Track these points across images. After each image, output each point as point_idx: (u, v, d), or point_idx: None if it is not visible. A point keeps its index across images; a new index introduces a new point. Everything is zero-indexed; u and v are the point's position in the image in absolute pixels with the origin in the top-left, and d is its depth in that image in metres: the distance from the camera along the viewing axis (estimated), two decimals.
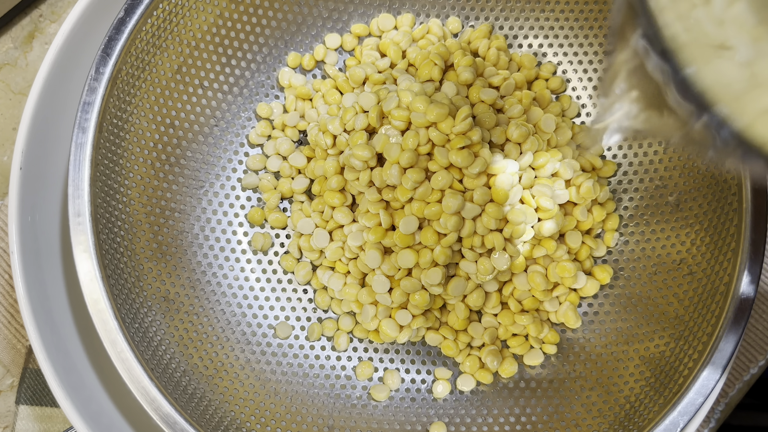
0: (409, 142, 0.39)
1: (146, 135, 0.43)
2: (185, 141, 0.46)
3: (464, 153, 0.38)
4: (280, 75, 0.48)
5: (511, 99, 0.45)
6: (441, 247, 0.40)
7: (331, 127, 0.42)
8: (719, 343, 0.38)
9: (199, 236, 0.45)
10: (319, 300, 0.45)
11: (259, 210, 0.46)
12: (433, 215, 0.39)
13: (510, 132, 0.42)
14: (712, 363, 0.38)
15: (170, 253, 0.44)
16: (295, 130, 0.47)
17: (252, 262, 0.46)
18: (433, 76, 0.45)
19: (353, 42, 0.49)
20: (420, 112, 0.39)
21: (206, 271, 0.45)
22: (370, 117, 0.40)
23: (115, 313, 0.37)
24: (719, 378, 0.38)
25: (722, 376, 0.38)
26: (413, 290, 0.42)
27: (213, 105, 0.47)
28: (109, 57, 0.39)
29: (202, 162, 0.46)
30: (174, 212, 0.45)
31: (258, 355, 0.44)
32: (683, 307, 0.41)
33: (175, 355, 0.41)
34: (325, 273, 0.44)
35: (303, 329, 0.46)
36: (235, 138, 0.48)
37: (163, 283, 0.43)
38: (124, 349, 0.37)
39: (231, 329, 0.45)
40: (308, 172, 0.45)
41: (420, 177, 0.38)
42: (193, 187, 0.46)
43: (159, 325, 0.41)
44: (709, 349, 0.38)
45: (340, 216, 0.43)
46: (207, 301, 0.44)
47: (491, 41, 0.48)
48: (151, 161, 0.44)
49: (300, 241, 0.45)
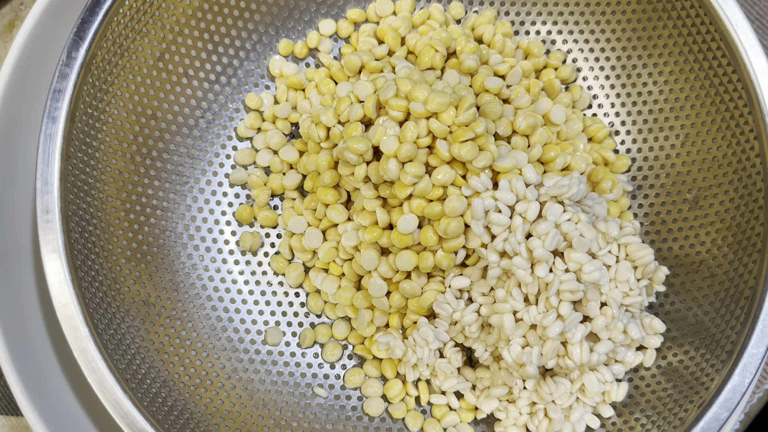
0: (407, 134, 0.36)
1: (125, 126, 0.40)
2: (168, 134, 0.43)
3: (468, 146, 0.35)
4: (270, 63, 0.46)
5: (518, 88, 0.42)
6: (444, 252, 0.38)
7: (324, 118, 0.39)
8: (745, 352, 0.35)
9: (183, 235, 0.43)
10: (311, 304, 0.43)
11: (248, 208, 0.43)
12: (433, 214, 0.36)
13: (517, 123, 0.39)
14: (738, 374, 0.35)
15: (151, 254, 0.41)
16: (286, 123, 0.45)
17: (240, 263, 0.44)
18: (435, 63, 0.42)
19: (349, 28, 0.46)
20: (420, 102, 0.36)
21: (190, 273, 0.42)
22: (366, 107, 0.38)
23: (87, 318, 0.34)
24: (746, 390, 0.35)
25: (749, 389, 0.35)
26: (413, 294, 0.38)
27: (198, 95, 0.44)
28: (82, 41, 0.36)
29: (186, 156, 0.44)
30: (156, 210, 0.42)
31: (245, 364, 0.42)
32: (704, 312, 0.39)
33: (155, 364, 0.38)
34: (318, 275, 0.42)
35: (294, 335, 0.43)
36: (222, 131, 0.45)
37: (142, 285, 0.40)
38: (95, 358, 0.34)
39: (216, 336, 0.42)
40: (300, 167, 0.43)
41: (420, 172, 0.36)
42: (176, 183, 0.43)
43: (137, 332, 0.38)
44: (734, 359, 0.35)
45: (334, 214, 0.40)
46: (191, 306, 0.42)
47: (496, 27, 0.45)
48: (130, 155, 0.41)
49: (291, 241, 0.43)
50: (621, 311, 0.38)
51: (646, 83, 0.44)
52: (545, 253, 0.35)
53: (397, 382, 0.41)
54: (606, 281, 0.37)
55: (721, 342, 0.37)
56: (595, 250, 0.37)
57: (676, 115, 0.43)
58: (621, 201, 0.43)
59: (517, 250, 0.36)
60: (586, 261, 0.36)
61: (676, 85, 0.42)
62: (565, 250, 0.37)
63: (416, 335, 0.39)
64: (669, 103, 0.43)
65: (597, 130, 0.44)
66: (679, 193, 0.42)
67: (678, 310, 0.40)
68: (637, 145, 0.45)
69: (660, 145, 0.44)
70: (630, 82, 0.45)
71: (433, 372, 0.41)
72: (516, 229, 0.36)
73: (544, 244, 0.35)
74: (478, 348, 0.39)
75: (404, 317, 0.41)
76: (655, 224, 0.43)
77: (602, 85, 0.46)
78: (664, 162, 0.43)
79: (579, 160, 0.41)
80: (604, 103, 0.46)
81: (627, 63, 0.45)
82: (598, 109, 0.46)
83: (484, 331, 0.39)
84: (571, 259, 0.36)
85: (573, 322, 0.36)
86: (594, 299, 0.37)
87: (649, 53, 0.43)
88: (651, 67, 0.44)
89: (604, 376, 0.39)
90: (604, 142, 0.45)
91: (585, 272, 0.36)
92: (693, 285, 0.40)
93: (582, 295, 0.36)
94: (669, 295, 0.41)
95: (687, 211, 0.42)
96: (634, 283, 0.38)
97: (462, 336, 0.40)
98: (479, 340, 0.39)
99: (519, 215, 0.36)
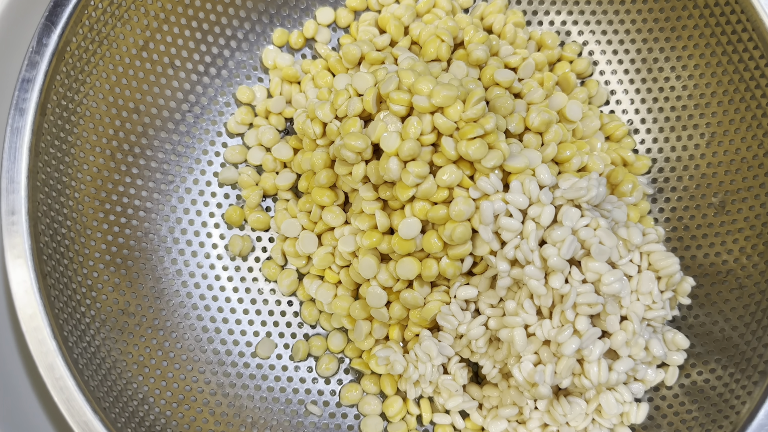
0: (410, 130, 0.34)
1: (105, 121, 0.38)
2: (152, 129, 0.40)
3: (476, 143, 0.33)
4: (263, 54, 0.44)
5: (531, 82, 0.39)
6: (449, 259, 0.35)
7: (320, 113, 0.37)
8: None
9: (167, 239, 0.40)
10: (305, 314, 0.41)
11: (238, 209, 0.42)
12: (438, 218, 0.34)
13: (530, 119, 0.37)
14: None
15: (132, 259, 0.38)
16: (280, 118, 0.43)
17: (229, 269, 0.41)
18: (440, 54, 0.39)
19: (348, 17, 0.44)
20: (424, 95, 0.33)
21: (174, 279, 0.40)
22: (365, 101, 0.36)
23: (55, 331, 0.31)
24: None
25: None
26: (415, 305, 0.36)
27: (185, 88, 0.41)
28: (54, 26, 0.34)
29: (171, 153, 0.41)
30: (138, 211, 0.39)
31: (233, 378, 0.39)
32: (731, 327, 0.37)
33: (132, 380, 0.35)
34: (312, 283, 0.40)
35: (286, 348, 0.41)
36: (211, 126, 0.43)
37: (121, 293, 0.37)
38: (63, 375, 0.31)
39: (202, 348, 0.39)
40: (295, 166, 0.42)
41: (423, 172, 0.34)
42: (161, 183, 0.40)
43: (114, 344, 0.35)
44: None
45: (331, 217, 0.38)
46: (174, 315, 0.39)
47: (507, 16, 0.42)
48: (110, 151, 0.38)
49: (284, 246, 0.41)
50: (642, 326, 0.35)
51: (668, 77, 0.42)
52: (561, 262, 0.33)
53: (397, 400, 0.39)
54: (627, 293, 0.35)
55: (753, 360, 0.35)
56: (616, 259, 0.35)
57: (702, 112, 0.40)
58: (641, 205, 0.41)
59: (530, 259, 0.33)
60: (606, 271, 0.34)
61: (702, 79, 0.40)
62: (582, 258, 0.34)
63: (418, 349, 0.37)
64: (694, 99, 0.41)
65: (615, 128, 0.42)
66: (704, 197, 0.40)
67: (702, 324, 0.38)
68: (659, 144, 0.42)
69: (683, 144, 0.41)
70: (651, 77, 0.42)
71: (436, 389, 0.39)
72: (528, 236, 0.34)
73: (560, 252, 0.33)
74: (485, 364, 0.37)
75: (405, 329, 0.39)
76: (677, 230, 0.41)
77: (621, 80, 0.43)
78: (687, 163, 0.41)
79: (597, 161, 0.38)
80: (623, 99, 0.43)
81: (648, 55, 0.42)
82: (616, 106, 0.44)
83: (492, 345, 0.37)
84: (589, 269, 0.34)
85: (591, 338, 0.34)
86: (613, 313, 0.34)
87: (672, 45, 0.41)
88: (674, 60, 0.41)
89: (623, 396, 0.36)
90: (622, 141, 0.42)
91: (604, 283, 0.33)
92: (719, 297, 0.38)
93: (600, 309, 0.34)
94: (693, 307, 0.39)
95: (712, 216, 0.39)
96: (658, 295, 0.35)
97: (468, 351, 0.38)
98: (487, 356, 0.37)
99: (532, 220, 0.34)
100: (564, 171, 0.38)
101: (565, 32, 0.44)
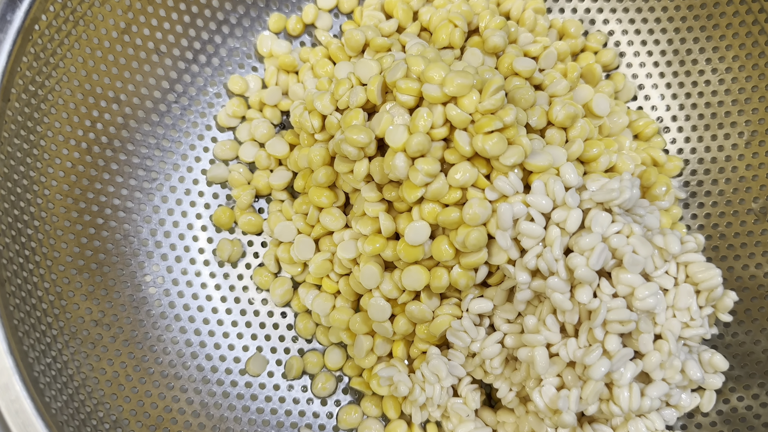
0: (419, 122, 0.31)
1: (80, 110, 0.35)
2: (134, 120, 0.38)
3: (494, 138, 0.30)
4: (258, 41, 0.42)
5: (553, 73, 0.36)
6: (462, 269, 0.33)
7: (319, 104, 0.34)
8: None
9: (149, 242, 0.37)
10: (300, 327, 0.39)
11: (228, 210, 0.40)
12: (449, 222, 0.32)
13: (554, 113, 0.34)
14: None
15: (108, 264, 0.36)
16: (275, 111, 0.41)
17: (216, 276, 0.39)
18: (453, 41, 0.37)
19: (352, 1, 0.43)
20: (435, 84, 0.31)
21: (156, 287, 0.37)
22: (369, 90, 0.34)
23: (12, 345, 0.28)
24: None
25: None
26: (422, 319, 0.34)
27: (172, 76, 0.39)
28: (20, 1, 0.30)
29: (155, 148, 0.38)
30: (116, 211, 0.37)
31: (219, 398, 0.36)
32: None
33: (105, 400, 0.32)
34: (308, 293, 0.38)
35: (279, 364, 0.38)
36: (199, 119, 0.40)
37: (95, 302, 0.34)
38: (20, 396, 0.28)
39: (184, 364, 0.36)
40: (291, 163, 0.40)
41: (433, 170, 0.31)
42: (142, 180, 0.38)
43: (84, 360, 0.33)
44: None
45: (329, 220, 0.36)
46: (154, 327, 0.37)
47: (526, 2, 0.40)
48: (86, 144, 0.36)
49: (278, 251, 0.39)
50: (678, 345, 0.32)
51: (703, 70, 0.39)
52: (589, 273, 0.30)
53: (401, 424, 0.37)
54: (662, 309, 0.32)
55: None
56: (650, 271, 0.32)
57: (740, 109, 0.38)
58: (672, 211, 0.39)
59: (554, 269, 0.31)
60: (640, 284, 0.31)
61: (742, 72, 0.38)
62: (613, 270, 0.32)
63: (425, 369, 0.35)
64: (731, 94, 0.38)
65: (644, 126, 0.39)
66: (743, 203, 0.38)
67: (742, 344, 0.36)
68: (691, 144, 0.40)
69: (719, 144, 0.39)
70: (684, 69, 0.40)
71: (444, 413, 0.36)
72: (552, 243, 0.31)
73: (589, 262, 0.30)
74: (500, 387, 0.35)
75: (411, 346, 0.37)
76: (712, 239, 0.39)
77: (650, 73, 0.41)
78: (724, 165, 0.39)
79: (627, 160, 0.35)
80: (652, 94, 0.41)
81: (680, 46, 0.40)
82: (645, 102, 0.42)
83: (509, 366, 0.35)
84: (620, 282, 0.31)
85: (622, 360, 0.31)
86: (647, 331, 0.32)
87: (709, 34, 0.39)
88: (710, 51, 0.39)
89: (654, 424, 0.34)
90: (651, 140, 0.39)
91: (638, 298, 0.31)
92: (761, 313, 0.36)
93: (633, 327, 0.30)
94: (730, 324, 0.37)
95: (752, 223, 0.37)
96: (696, 311, 0.32)
97: (481, 371, 0.35)
98: (502, 378, 0.35)
99: (556, 225, 0.31)
100: (590, 171, 0.35)
101: (589, 21, 0.41)
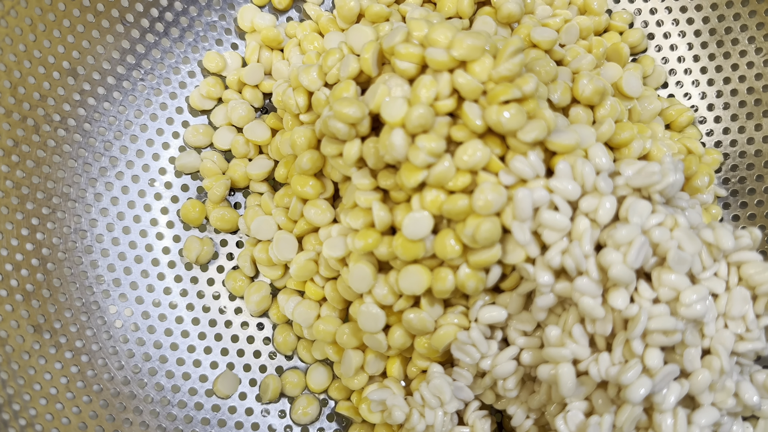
0: (422, 92, 0.27)
1: (27, 81, 0.32)
2: (92, 98, 0.35)
3: (512, 108, 0.26)
4: (239, 14, 0.39)
5: (576, 48, 0.33)
6: (470, 269, 0.28)
7: (305, 78, 0.32)
8: None
9: (103, 239, 0.35)
10: (279, 340, 0.36)
11: (198, 204, 0.37)
12: (456, 212, 0.27)
13: (580, 88, 0.30)
14: None
15: (53, 261, 0.33)
16: (256, 92, 0.38)
17: (183, 280, 0.35)
18: (462, 10, 0.34)
19: None
20: (441, 47, 0.27)
21: (109, 291, 0.33)
22: (363, 60, 0.30)
23: None
24: None
25: None
26: (422, 330, 0.29)
27: (139, 50, 0.36)
28: None
29: (116, 131, 0.36)
30: (66, 200, 0.34)
31: (180, 423, 0.32)
32: None
33: (36, 421, 0.29)
34: (289, 300, 0.35)
35: (253, 384, 0.35)
36: (169, 100, 0.37)
37: (35, 305, 0.31)
38: None
39: (140, 381, 0.32)
40: (272, 151, 0.37)
41: (438, 148, 0.27)
42: (100, 167, 0.35)
43: (15, 371, 0.29)
44: None
45: (315, 213, 0.33)
46: (106, 337, 0.32)
47: None
48: (33, 121, 0.32)
49: (255, 251, 0.36)
50: (731, 362, 0.27)
51: (745, 51, 0.36)
52: (627, 272, 0.25)
53: None
54: (711, 318, 0.27)
55: None
56: (697, 272, 0.27)
57: None
58: (712, 210, 0.36)
59: (583, 268, 0.26)
60: (686, 287, 0.26)
61: None
62: (653, 269, 0.27)
63: (425, 390, 0.31)
64: None
65: (677, 114, 0.37)
66: None
67: None
68: (731, 135, 0.37)
69: (763, 135, 0.36)
70: (722, 51, 0.37)
71: None
72: (581, 236, 0.26)
73: (626, 258, 0.26)
74: (516, 413, 0.31)
75: (409, 363, 0.33)
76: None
77: (682, 56, 0.38)
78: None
79: (662, 147, 0.30)
80: (685, 80, 0.38)
81: (718, 25, 0.37)
82: (677, 89, 0.38)
83: (526, 388, 0.31)
84: (663, 284, 0.26)
85: (666, 380, 0.26)
86: (694, 345, 0.27)
87: (752, 8, 0.36)
88: (753, 29, 0.36)
89: None
90: (685, 130, 0.35)
91: (684, 303, 0.26)
92: None
93: (679, 339, 0.26)
94: None
95: None
96: (753, 321, 0.28)
97: (492, 395, 0.32)
98: (518, 402, 0.31)
99: (585, 216, 0.27)
100: (620, 158, 0.30)
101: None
